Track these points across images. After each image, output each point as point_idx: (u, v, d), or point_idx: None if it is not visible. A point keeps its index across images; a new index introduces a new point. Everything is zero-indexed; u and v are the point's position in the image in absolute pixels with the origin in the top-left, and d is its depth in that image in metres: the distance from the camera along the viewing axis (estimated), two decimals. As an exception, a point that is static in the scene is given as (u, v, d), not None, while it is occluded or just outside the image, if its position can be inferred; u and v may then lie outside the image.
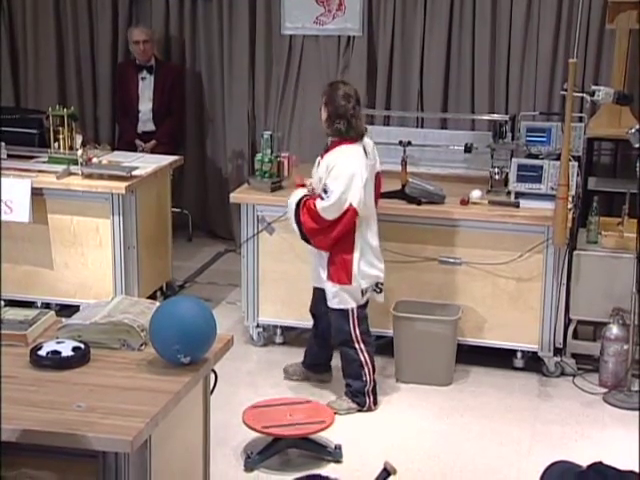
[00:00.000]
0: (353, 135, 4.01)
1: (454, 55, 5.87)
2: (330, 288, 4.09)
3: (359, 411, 4.16)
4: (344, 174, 3.94)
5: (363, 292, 4.12)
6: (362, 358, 4.12)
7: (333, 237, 4.00)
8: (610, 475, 1.60)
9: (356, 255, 4.05)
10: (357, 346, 4.12)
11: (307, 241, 4.13)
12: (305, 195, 4.08)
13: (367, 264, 4.09)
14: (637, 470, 1.65)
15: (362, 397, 4.16)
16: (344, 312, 4.11)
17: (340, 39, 6.08)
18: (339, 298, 4.09)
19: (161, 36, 6.40)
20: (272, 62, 6.27)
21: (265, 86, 6.31)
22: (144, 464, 2.40)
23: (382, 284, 4.18)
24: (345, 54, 6.08)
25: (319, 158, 4.15)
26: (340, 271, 4.05)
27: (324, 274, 4.11)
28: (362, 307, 4.17)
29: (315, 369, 4.43)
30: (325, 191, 3.95)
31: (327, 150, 4.10)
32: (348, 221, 3.98)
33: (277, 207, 4.63)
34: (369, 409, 4.17)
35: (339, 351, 4.25)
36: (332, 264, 4.07)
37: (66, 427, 2.29)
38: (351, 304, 4.10)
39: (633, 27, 5.23)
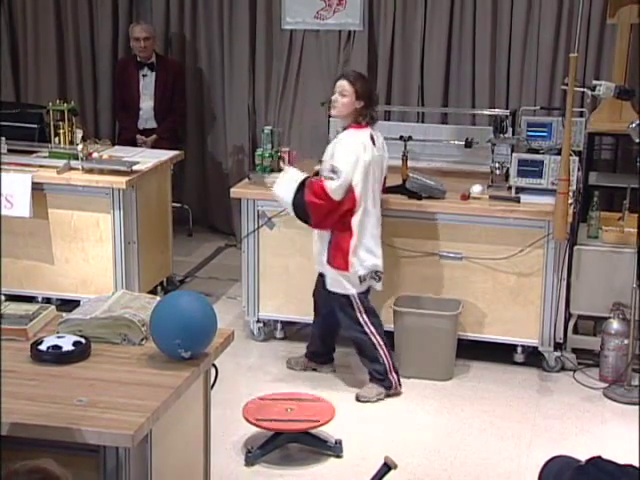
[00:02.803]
0: (369, 120, 4.10)
1: (455, 50, 5.87)
2: (329, 272, 4.16)
3: (388, 396, 4.21)
4: (350, 154, 3.99)
5: (361, 279, 4.15)
6: (375, 340, 4.17)
7: (336, 217, 4.03)
8: (609, 469, 1.60)
9: (353, 241, 4.08)
10: (367, 329, 4.16)
11: (304, 220, 4.12)
12: (307, 177, 4.10)
13: (366, 251, 4.12)
14: (637, 464, 1.65)
15: (387, 379, 4.21)
16: (347, 298, 4.15)
17: (341, 34, 6.07)
18: (338, 283, 4.15)
19: (161, 32, 6.39)
20: (272, 57, 6.26)
21: (266, 81, 6.30)
22: (145, 459, 2.40)
23: (382, 272, 4.21)
24: (346, 49, 6.08)
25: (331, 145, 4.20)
26: (339, 257, 4.10)
27: (324, 258, 4.15)
28: (364, 293, 4.20)
29: (316, 359, 4.47)
30: (334, 171, 3.97)
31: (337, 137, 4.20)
32: (349, 202, 4.01)
33: (277, 202, 4.63)
34: (396, 390, 4.23)
35: (352, 341, 4.25)
36: (332, 248, 4.11)
37: (67, 422, 2.29)
38: (350, 290, 4.14)
39: (634, 22, 5.22)
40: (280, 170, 4.76)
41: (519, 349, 4.60)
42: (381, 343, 4.19)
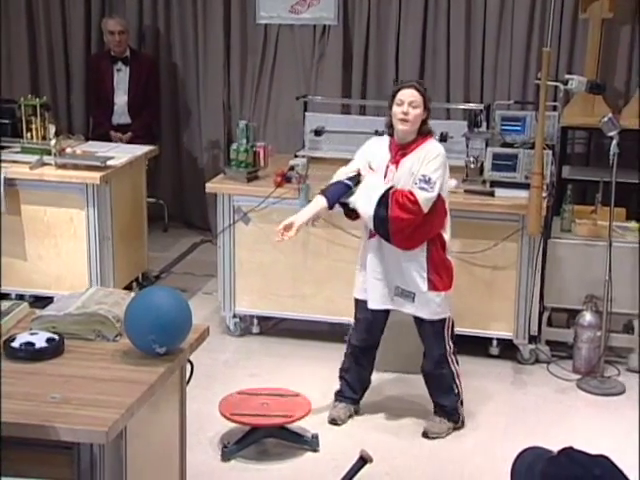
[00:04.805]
0: (432, 131, 3.83)
1: (429, 44, 5.89)
2: (434, 298, 3.74)
3: (455, 429, 3.90)
4: (442, 166, 3.68)
5: None
6: (455, 369, 3.86)
7: (423, 234, 3.69)
8: (581, 460, 1.62)
9: (449, 250, 3.79)
10: (450, 358, 3.84)
11: (384, 237, 3.69)
12: (390, 187, 3.66)
13: None
14: (607, 454, 1.67)
15: (456, 413, 3.90)
16: (442, 323, 3.79)
17: (315, 28, 6.07)
18: (442, 307, 3.77)
19: (135, 26, 6.35)
20: (247, 51, 6.25)
21: (240, 76, 6.29)
22: (119, 455, 2.39)
23: None
24: (320, 43, 6.08)
25: (390, 165, 3.72)
26: (443, 275, 3.76)
27: (424, 284, 3.73)
28: None
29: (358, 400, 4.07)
30: (427, 181, 3.62)
31: (406, 152, 3.72)
32: (442, 214, 3.70)
33: (253, 197, 4.63)
34: (462, 423, 3.93)
35: (429, 374, 3.90)
36: (433, 270, 3.73)
37: (41, 419, 2.28)
38: (450, 312, 3.81)
39: (606, 16, 5.27)
40: (255, 165, 4.78)
41: (494, 342, 4.62)
42: (459, 372, 3.86)
